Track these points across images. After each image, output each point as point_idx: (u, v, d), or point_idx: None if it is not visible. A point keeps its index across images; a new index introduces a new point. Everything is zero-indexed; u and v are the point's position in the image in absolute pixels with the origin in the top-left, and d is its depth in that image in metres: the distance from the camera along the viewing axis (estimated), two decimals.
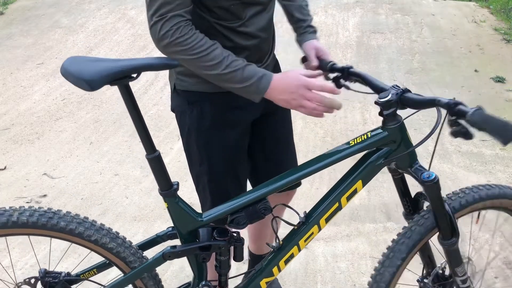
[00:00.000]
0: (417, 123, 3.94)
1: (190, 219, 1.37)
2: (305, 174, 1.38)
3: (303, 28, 1.67)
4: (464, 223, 1.52)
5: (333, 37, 5.63)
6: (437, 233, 1.43)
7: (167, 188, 1.34)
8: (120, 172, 3.28)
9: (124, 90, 1.22)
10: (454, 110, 1.20)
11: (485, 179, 3.19)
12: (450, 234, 1.39)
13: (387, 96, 1.29)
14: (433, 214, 1.39)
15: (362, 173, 1.37)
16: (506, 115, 4.14)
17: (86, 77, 1.11)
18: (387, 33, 5.88)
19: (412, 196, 1.50)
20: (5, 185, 3.14)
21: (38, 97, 4.44)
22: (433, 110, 1.29)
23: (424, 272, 1.56)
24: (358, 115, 3.94)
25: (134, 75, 1.19)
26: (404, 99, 1.29)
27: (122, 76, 1.16)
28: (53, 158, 3.47)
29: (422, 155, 3.52)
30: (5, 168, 3.34)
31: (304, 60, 1.66)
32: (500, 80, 4.77)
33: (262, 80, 1.31)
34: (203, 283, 1.45)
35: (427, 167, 1.38)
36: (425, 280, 1.54)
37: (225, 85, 1.34)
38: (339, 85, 1.52)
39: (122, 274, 1.45)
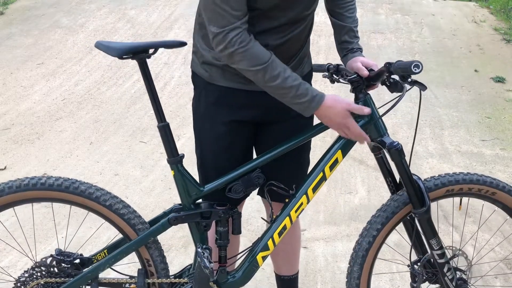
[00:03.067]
0: None
1: (192, 187, 1.54)
2: (294, 144, 1.53)
3: (346, 50, 1.70)
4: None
5: (333, 37, 5.64)
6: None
7: (174, 156, 1.52)
8: (120, 172, 3.29)
9: (141, 65, 1.46)
10: (388, 68, 1.42)
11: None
12: (419, 204, 1.51)
13: (353, 75, 1.53)
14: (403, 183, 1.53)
15: (341, 144, 1.55)
16: (506, 115, 4.15)
17: (114, 47, 1.42)
18: (387, 33, 5.88)
19: (398, 181, 1.61)
20: None
21: (38, 97, 4.44)
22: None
23: (413, 256, 1.64)
24: None
25: (151, 52, 1.45)
26: (366, 76, 1.51)
27: (140, 51, 1.44)
28: (53, 158, 3.48)
29: (422, 155, 3.53)
30: (5, 168, 3.34)
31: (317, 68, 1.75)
32: (500, 80, 4.77)
33: (314, 101, 1.42)
34: (204, 246, 1.56)
35: (427, 168, 1.41)
36: (415, 266, 1.62)
37: (277, 95, 1.43)
38: (332, 81, 1.72)
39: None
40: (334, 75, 1.69)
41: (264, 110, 1.58)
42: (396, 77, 1.46)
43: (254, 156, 1.69)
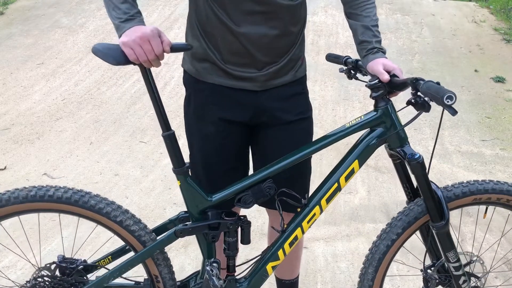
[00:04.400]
0: (417, 123, 3.95)
1: (200, 198, 1.46)
2: (306, 154, 1.46)
3: (366, 50, 1.56)
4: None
5: (333, 37, 5.64)
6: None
7: (179, 166, 1.44)
8: (120, 172, 3.28)
9: (143, 71, 1.37)
10: (414, 84, 1.35)
11: (485, 179, 3.19)
12: (438, 217, 1.45)
13: (375, 80, 1.44)
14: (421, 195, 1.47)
15: (358, 153, 1.47)
16: (506, 115, 4.15)
17: (114, 54, 1.33)
18: (387, 33, 5.88)
19: (415, 186, 1.55)
20: (5, 185, 3.14)
21: (38, 97, 4.44)
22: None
23: (426, 260, 1.59)
24: (358, 115, 3.94)
25: None
26: (389, 82, 1.43)
27: None
28: (53, 158, 3.47)
29: (423, 155, 3.52)
30: (5, 168, 3.34)
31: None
32: (500, 80, 4.77)
33: (129, 23, 1.35)
34: (212, 260, 1.49)
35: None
36: (429, 271, 1.57)
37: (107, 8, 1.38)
38: (350, 77, 1.64)
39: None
40: (352, 71, 1.61)
41: (253, 111, 1.52)
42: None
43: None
